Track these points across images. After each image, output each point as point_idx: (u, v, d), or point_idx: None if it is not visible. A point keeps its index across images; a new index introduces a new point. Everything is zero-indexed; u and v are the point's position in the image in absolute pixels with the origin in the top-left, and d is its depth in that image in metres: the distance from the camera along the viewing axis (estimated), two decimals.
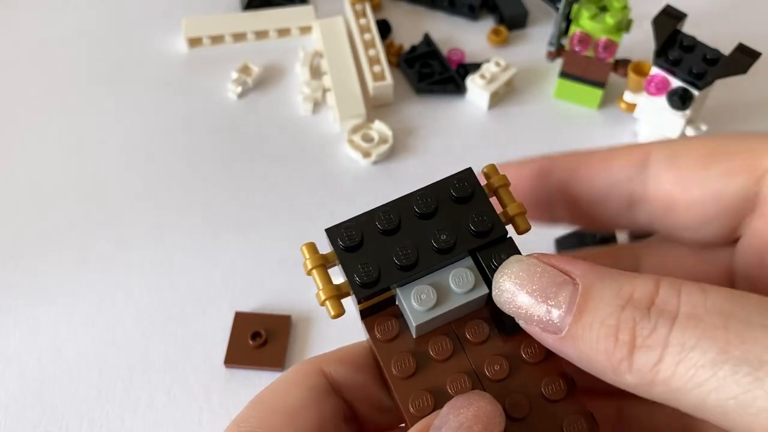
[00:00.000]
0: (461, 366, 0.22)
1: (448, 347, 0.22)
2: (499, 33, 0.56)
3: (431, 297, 0.22)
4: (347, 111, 0.50)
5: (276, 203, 0.47)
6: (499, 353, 0.22)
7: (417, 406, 0.22)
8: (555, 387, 0.22)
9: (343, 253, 0.23)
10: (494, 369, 0.22)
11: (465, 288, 0.22)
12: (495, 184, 0.24)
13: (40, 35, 0.57)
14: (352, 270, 0.22)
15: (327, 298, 0.22)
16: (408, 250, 0.22)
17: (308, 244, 0.23)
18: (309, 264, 0.23)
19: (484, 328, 0.23)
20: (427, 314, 0.22)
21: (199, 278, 0.44)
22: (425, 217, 0.23)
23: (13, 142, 0.51)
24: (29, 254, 0.45)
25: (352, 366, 0.25)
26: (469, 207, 0.23)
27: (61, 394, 0.40)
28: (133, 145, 0.51)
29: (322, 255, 0.23)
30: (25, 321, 0.42)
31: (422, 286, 0.22)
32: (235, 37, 0.56)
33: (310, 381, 0.24)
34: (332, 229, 0.23)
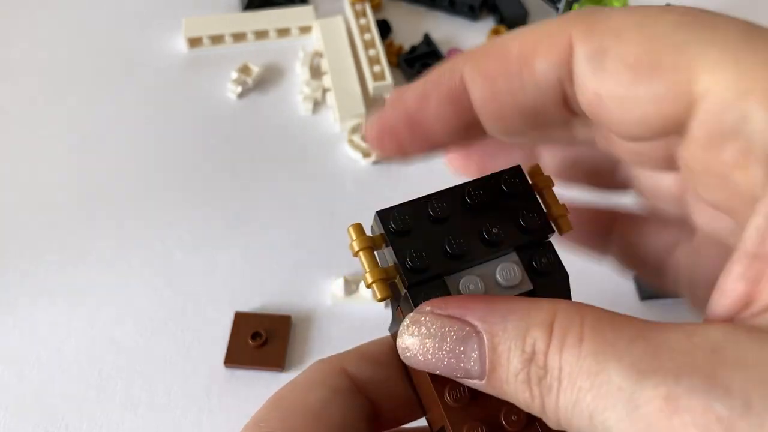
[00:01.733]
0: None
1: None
2: (499, 33, 0.56)
3: (479, 288, 0.22)
4: (347, 111, 0.50)
5: (276, 203, 0.47)
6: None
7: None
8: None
9: (393, 237, 0.22)
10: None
11: (512, 282, 0.22)
12: (540, 185, 0.24)
13: (40, 35, 0.57)
14: (404, 254, 0.22)
15: (375, 280, 0.22)
16: (459, 239, 0.22)
17: (355, 225, 0.23)
18: (356, 245, 0.22)
19: None
20: None
21: (199, 278, 0.44)
22: (474, 209, 0.23)
23: (13, 141, 0.51)
24: (29, 254, 0.45)
25: (374, 363, 0.25)
26: (519, 204, 0.23)
27: (61, 394, 0.40)
28: (132, 145, 0.51)
29: (369, 237, 0.23)
30: (25, 321, 0.42)
31: (470, 277, 0.22)
32: (235, 37, 0.56)
33: (332, 381, 0.24)
34: (384, 212, 0.23)
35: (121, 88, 0.54)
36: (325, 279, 0.44)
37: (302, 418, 0.23)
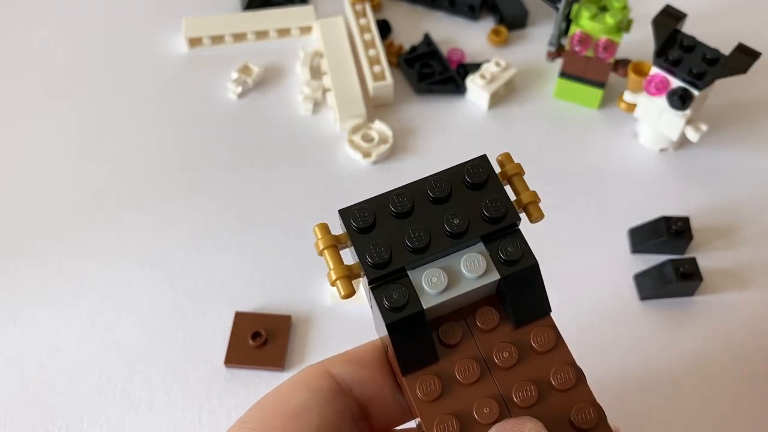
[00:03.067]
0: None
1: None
2: (499, 33, 0.56)
3: (442, 280, 0.22)
4: (347, 111, 0.50)
5: (276, 203, 0.47)
6: (508, 340, 0.23)
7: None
8: (564, 376, 0.22)
9: (355, 234, 0.23)
10: (503, 356, 0.22)
11: (476, 273, 0.22)
12: (509, 172, 0.24)
13: (40, 35, 0.57)
14: (364, 250, 0.22)
15: (338, 277, 0.22)
16: (420, 232, 0.22)
17: (320, 225, 0.23)
18: (321, 244, 0.23)
19: (493, 316, 0.23)
20: (438, 297, 0.22)
21: (199, 278, 0.44)
22: (439, 201, 0.23)
23: (13, 141, 0.51)
24: (29, 254, 0.45)
25: (359, 364, 0.25)
26: (483, 193, 0.23)
27: (61, 394, 0.40)
28: (133, 145, 0.51)
29: (334, 236, 0.23)
30: (25, 321, 0.42)
31: (434, 269, 0.22)
32: (235, 37, 0.56)
33: (315, 383, 0.24)
34: (345, 210, 0.23)
35: (121, 88, 0.54)
36: (325, 279, 0.44)
37: (282, 419, 0.23)
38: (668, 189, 0.48)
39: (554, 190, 0.48)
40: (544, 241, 0.45)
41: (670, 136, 0.47)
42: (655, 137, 0.49)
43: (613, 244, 0.45)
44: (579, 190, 0.48)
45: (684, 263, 0.41)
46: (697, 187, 0.48)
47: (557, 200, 0.47)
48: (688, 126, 0.46)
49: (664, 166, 0.49)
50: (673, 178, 0.48)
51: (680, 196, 0.48)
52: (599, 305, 0.43)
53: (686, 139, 0.48)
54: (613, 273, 0.44)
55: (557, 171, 0.49)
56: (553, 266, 0.43)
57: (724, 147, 0.50)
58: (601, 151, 0.50)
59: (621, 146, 0.50)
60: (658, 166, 0.49)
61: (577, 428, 0.21)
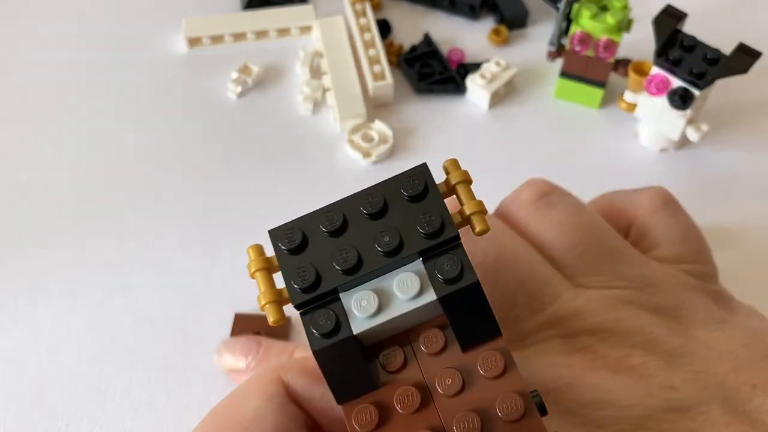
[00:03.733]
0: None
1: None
2: (499, 33, 0.56)
3: (372, 303, 0.20)
4: (347, 111, 0.50)
5: (276, 203, 0.47)
6: (454, 365, 0.21)
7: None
8: (510, 406, 0.20)
9: (284, 256, 0.21)
10: (446, 383, 0.20)
11: (408, 294, 0.20)
12: (453, 181, 0.22)
13: (40, 35, 0.57)
14: (291, 274, 0.21)
15: (266, 302, 0.21)
16: (347, 252, 0.21)
17: (254, 246, 0.22)
18: (252, 266, 0.22)
19: (439, 338, 0.21)
20: (368, 322, 0.20)
21: (199, 278, 0.44)
22: (374, 216, 0.21)
23: (12, 141, 0.51)
24: (29, 254, 0.45)
25: (311, 378, 0.24)
26: (421, 206, 0.21)
27: (61, 394, 0.40)
28: (132, 144, 0.51)
29: (267, 258, 0.22)
30: (25, 321, 0.42)
31: (363, 292, 0.21)
32: (235, 37, 0.56)
33: (267, 390, 0.23)
34: (275, 230, 0.22)
35: (121, 88, 0.54)
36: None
37: (235, 427, 0.22)
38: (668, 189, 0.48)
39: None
40: None
41: (671, 136, 0.47)
42: (655, 137, 0.49)
43: None
44: (579, 190, 0.48)
45: None
46: (698, 187, 0.48)
47: None
48: (688, 126, 0.46)
49: (664, 166, 0.49)
50: (673, 178, 0.48)
51: (680, 196, 0.47)
52: None
53: (687, 139, 0.48)
54: None
55: (557, 171, 0.49)
56: None
57: (724, 147, 0.50)
58: (601, 151, 0.50)
59: (621, 146, 0.50)
60: (659, 166, 0.49)
61: None
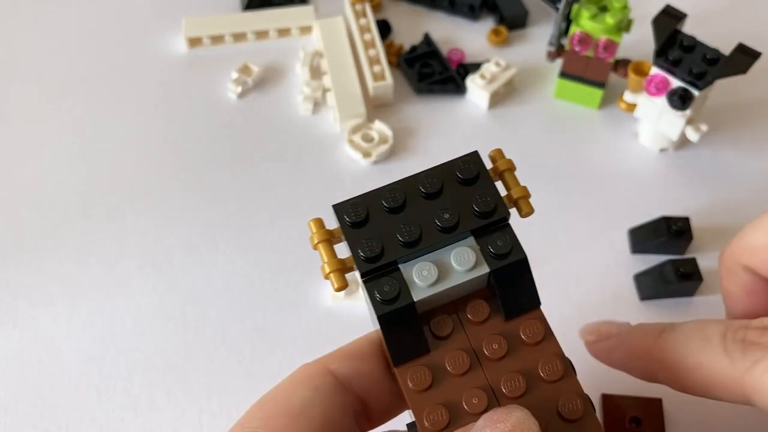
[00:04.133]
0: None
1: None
2: (499, 33, 0.56)
3: (432, 273, 0.22)
4: (347, 111, 0.50)
5: (276, 203, 0.47)
6: (498, 332, 0.23)
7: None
8: (552, 368, 0.22)
9: (348, 229, 0.23)
10: (492, 348, 0.23)
11: (466, 266, 0.23)
12: (500, 168, 0.24)
13: (40, 35, 0.57)
14: (357, 244, 0.23)
15: (331, 270, 0.23)
16: (411, 227, 0.23)
17: (315, 220, 0.24)
18: (315, 238, 0.24)
19: (484, 308, 0.23)
20: (428, 290, 0.22)
21: (198, 278, 0.44)
22: (430, 196, 0.24)
23: (13, 142, 0.51)
24: (29, 254, 0.45)
25: (356, 359, 0.25)
26: (474, 188, 0.24)
27: (61, 394, 0.40)
28: (132, 145, 0.51)
29: (328, 230, 0.24)
30: (25, 321, 0.42)
31: (424, 263, 0.23)
32: (235, 37, 0.56)
33: (315, 381, 0.24)
34: (339, 205, 0.24)
35: (121, 88, 0.54)
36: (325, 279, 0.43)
37: (284, 418, 0.23)
38: (668, 189, 0.48)
39: (554, 190, 0.48)
40: (545, 240, 0.45)
41: (671, 137, 0.47)
42: (655, 137, 0.49)
43: (613, 244, 0.45)
44: (579, 190, 0.48)
45: (684, 263, 0.41)
46: (698, 187, 0.48)
47: (557, 200, 0.47)
48: (688, 126, 0.46)
49: (664, 166, 0.49)
50: (673, 179, 0.48)
51: (680, 196, 0.48)
52: (599, 305, 0.43)
53: (686, 139, 0.48)
54: (613, 273, 0.44)
55: (557, 171, 0.49)
56: (553, 266, 0.43)
57: (724, 147, 0.50)
58: (601, 151, 0.50)
59: (621, 146, 0.50)
60: (658, 166, 0.49)
61: (565, 419, 0.22)
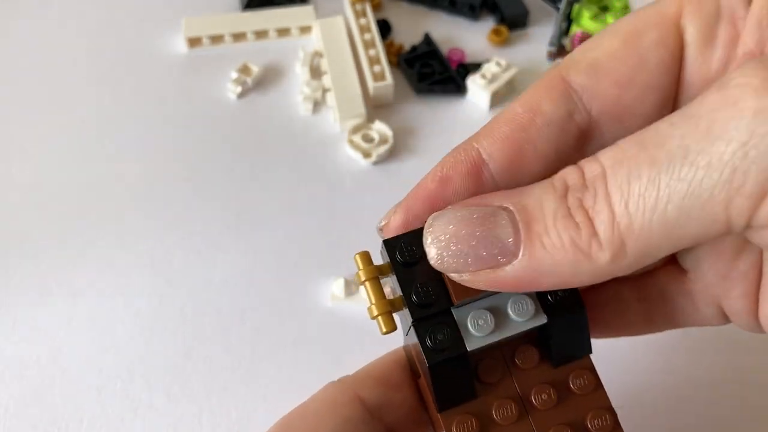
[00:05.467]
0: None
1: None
2: (499, 33, 0.56)
3: (489, 323, 0.21)
4: (347, 111, 0.50)
5: (276, 203, 0.47)
6: (547, 381, 0.22)
7: None
8: (601, 421, 0.22)
9: (400, 268, 0.22)
10: (542, 398, 0.22)
11: (525, 317, 0.21)
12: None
13: (40, 34, 0.57)
14: (410, 288, 0.21)
15: (380, 313, 0.22)
16: None
17: (362, 254, 0.22)
18: (363, 275, 0.22)
19: (534, 355, 0.22)
20: (484, 340, 0.21)
21: (198, 278, 0.44)
22: None
23: (12, 141, 0.51)
24: (29, 254, 0.45)
25: (389, 386, 0.24)
26: None
27: (61, 394, 0.40)
28: (132, 145, 0.51)
29: (376, 267, 0.22)
30: (24, 321, 0.42)
31: (480, 311, 0.21)
32: (235, 37, 0.56)
33: (345, 410, 0.24)
34: (391, 241, 0.22)
35: (121, 88, 0.54)
36: (325, 279, 0.44)
37: None
38: None
39: None
40: None
41: None
42: None
43: None
44: None
45: None
46: None
47: None
48: None
49: None
50: None
51: None
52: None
53: None
54: None
55: None
56: None
57: None
58: None
59: None
60: None
61: None
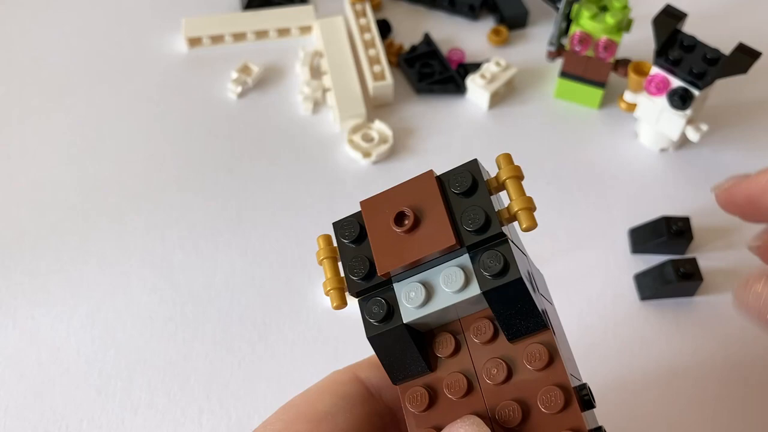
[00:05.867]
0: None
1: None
2: (499, 33, 0.56)
3: (419, 295, 0.21)
4: (347, 111, 0.50)
5: (276, 203, 0.47)
6: (500, 355, 0.22)
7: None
8: (552, 398, 0.21)
9: (345, 246, 0.23)
10: (492, 372, 0.22)
11: (453, 287, 0.21)
12: (503, 176, 0.22)
13: (40, 35, 0.57)
14: (349, 263, 0.22)
15: (331, 288, 0.23)
16: None
17: (324, 236, 0.24)
18: (321, 254, 0.23)
19: (488, 328, 0.22)
20: (417, 312, 0.21)
21: (198, 278, 0.44)
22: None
23: (13, 141, 0.51)
24: (29, 254, 0.45)
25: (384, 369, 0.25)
26: (470, 201, 0.22)
27: (61, 394, 0.40)
28: (132, 145, 0.51)
29: (334, 247, 0.23)
30: (24, 321, 0.42)
31: (413, 284, 0.22)
32: (235, 36, 0.56)
33: (343, 388, 0.24)
34: (338, 222, 0.23)
35: (121, 88, 0.54)
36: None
37: (306, 422, 0.23)
38: (668, 189, 0.48)
39: (554, 190, 0.48)
40: (545, 241, 0.45)
41: (671, 136, 0.47)
42: (655, 137, 0.49)
43: (613, 244, 0.45)
44: (579, 190, 0.48)
45: (684, 263, 0.41)
46: (698, 187, 0.48)
47: (557, 200, 0.47)
48: (688, 126, 0.46)
49: (664, 166, 0.49)
50: (673, 178, 0.48)
51: (680, 196, 0.48)
52: (599, 305, 0.43)
53: (687, 139, 0.48)
54: (613, 273, 0.44)
55: (557, 171, 0.49)
56: (553, 266, 0.43)
57: (724, 147, 0.50)
58: (601, 151, 0.50)
59: (621, 146, 0.50)
60: (659, 166, 0.49)
61: None
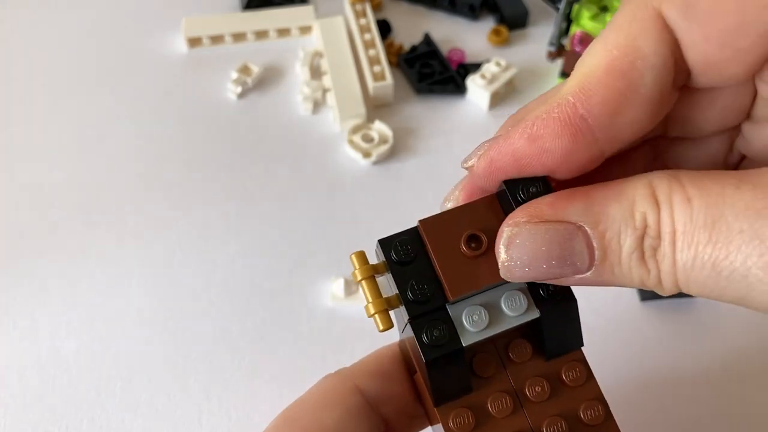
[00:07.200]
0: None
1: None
2: (499, 33, 0.56)
3: (483, 318, 0.22)
4: (347, 111, 0.50)
5: (276, 203, 0.47)
6: (540, 374, 0.23)
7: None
8: (594, 412, 0.22)
9: (395, 267, 0.22)
10: (535, 390, 0.23)
11: (517, 312, 0.22)
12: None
13: (40, 35, 0.57)
14: (405, 286, 0.22)
15: (377, 311, 0.22)
16: None
17: (358, 253, 0.23)
18: (359, 274, 0.22)
19: (527, 348, 0.23)
20: (478, 335, 0.22)
21: (198, 278, 0.44)
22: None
23: (13, 141, 0.51)
24: (28, 254, 0.45)
25: (387, 379, 0.25)
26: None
27: (61, 394, 0.40)
28: (132, 145, 0.51)
29: (371, 266, 0.23)
30: (24, 321, 0.42)
31: (474, 307, 0.22)
32: (235, 37, 0.56)
33: (347, 400, 0.24)
34: (386, 240, 0.22)
35: (121, 88, 0.54)
36: (325, 279, 0.44)
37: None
38: None
39: None
40: None
41: None
42: None
43: None
44: None
45: None
46: None
47: None
48: None
49: None
50: None
51: None
52: (599, 306, 0.43)
53: None
54: None
55: None
56: None
57: None
58: None
59: None
60: None
61: None
